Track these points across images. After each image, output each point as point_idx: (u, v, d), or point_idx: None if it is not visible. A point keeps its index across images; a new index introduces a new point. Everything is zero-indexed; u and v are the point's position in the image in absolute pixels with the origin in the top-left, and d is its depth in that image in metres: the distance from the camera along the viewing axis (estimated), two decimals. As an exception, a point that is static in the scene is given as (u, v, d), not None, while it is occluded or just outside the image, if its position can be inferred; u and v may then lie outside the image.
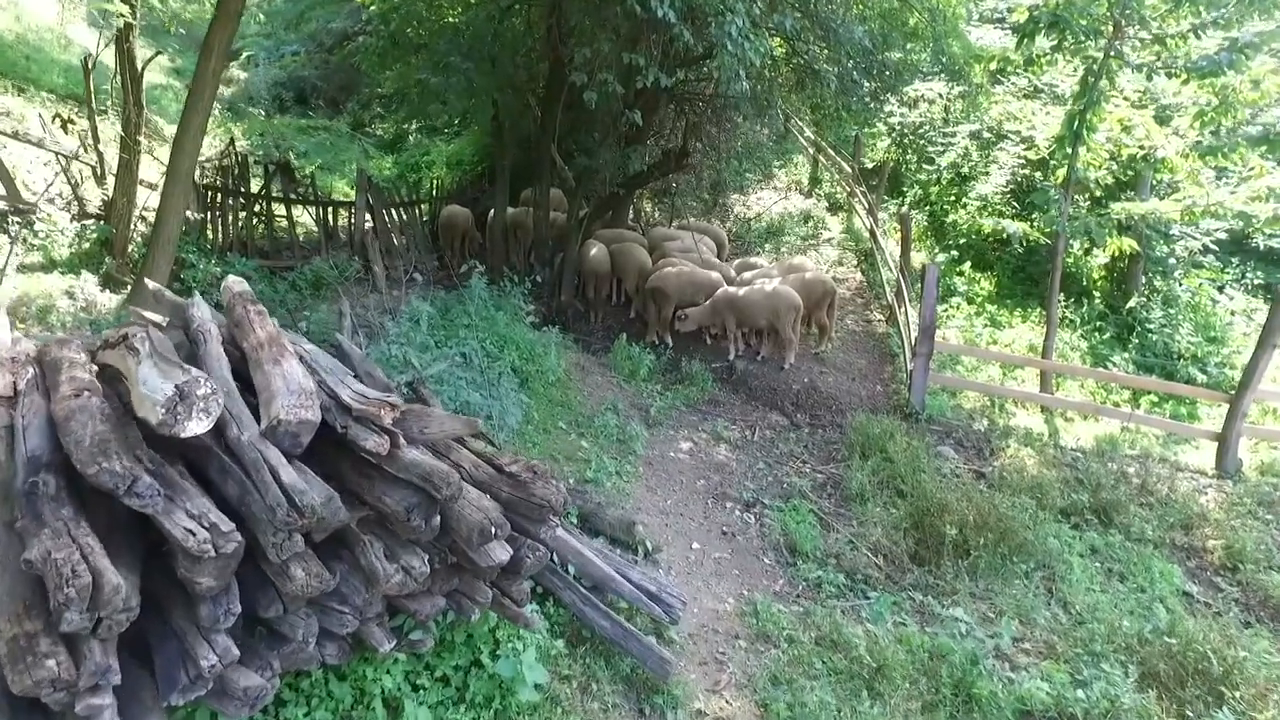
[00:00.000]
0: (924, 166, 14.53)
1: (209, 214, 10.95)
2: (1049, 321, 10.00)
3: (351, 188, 14.71)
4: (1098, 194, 10.89)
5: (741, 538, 6.90)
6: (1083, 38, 9.20)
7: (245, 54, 24.45)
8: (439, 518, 3.57)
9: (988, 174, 13.87)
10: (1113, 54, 9.35)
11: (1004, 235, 10.60)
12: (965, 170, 14.12)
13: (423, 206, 14.12)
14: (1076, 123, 9.63)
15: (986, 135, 13.94)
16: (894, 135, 15.49)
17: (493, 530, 3.52)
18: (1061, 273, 10.10)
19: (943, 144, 14.58)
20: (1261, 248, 12.08)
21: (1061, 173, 10.14)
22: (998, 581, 6.47)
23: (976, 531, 6.63)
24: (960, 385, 10.19)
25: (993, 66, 11.21)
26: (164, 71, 22.38)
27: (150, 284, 5.93)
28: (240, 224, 11.44)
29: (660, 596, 5.11)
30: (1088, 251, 11.92)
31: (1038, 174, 13.38)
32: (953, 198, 14.46)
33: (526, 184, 13.41)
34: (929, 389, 9.77)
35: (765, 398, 10.18)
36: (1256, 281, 11.92)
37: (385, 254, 12.59)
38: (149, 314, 5.63)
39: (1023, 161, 13.03)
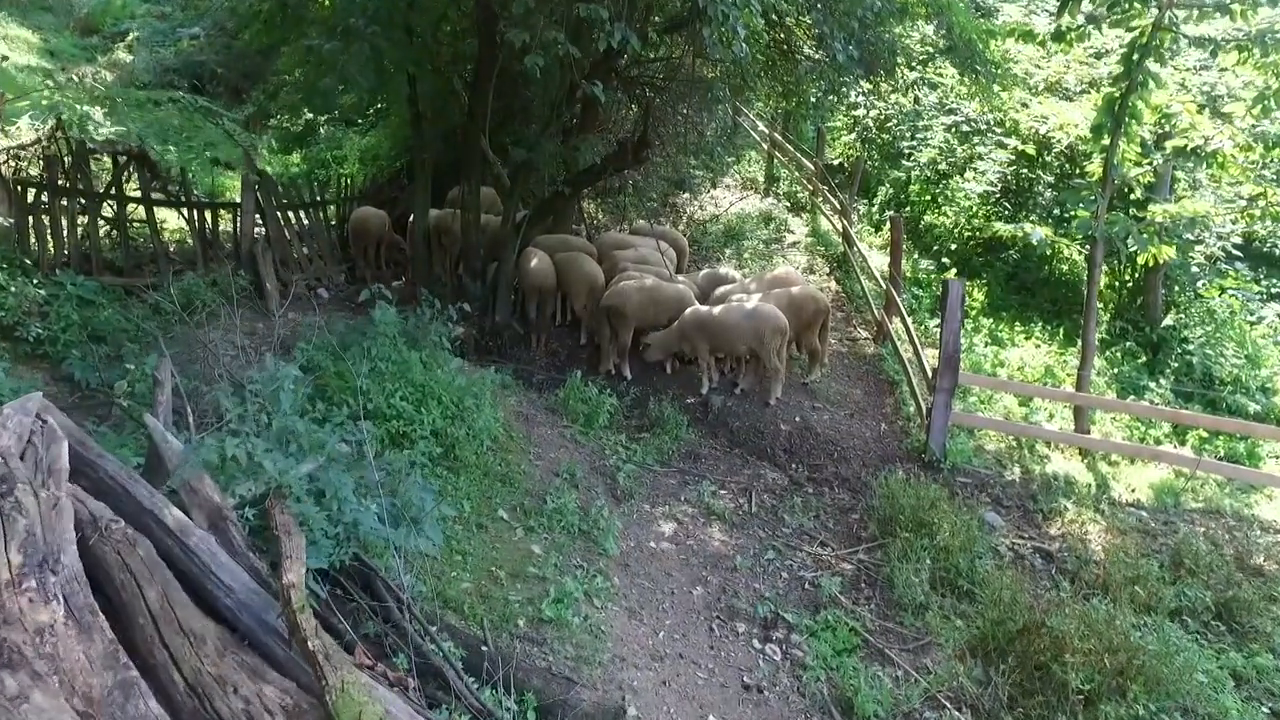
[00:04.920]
0: (901, 163, 12.36)
1: (30, 219, 7.91)
2: (1085, 345, 7.94)
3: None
4: (1138, 194, 8.86)
5: (771, 693, 4.51)
6: (1136, 5, 7.11)
7: (133, 34, 20.79)
8: None
9: (964, 172, 11.85)
10: (1163, 25, 7.30)
11: (1019, 240, 8.50)
12: (943, 167, 12.04)
13: (330, 209, 11.24)
14: (1117, 108, 7.56)
15: (966, 128, 11.87)
16: (859, 130, 13.30)
17: None
18: (1091, 285, 8.02)
19: (916, 139, 12.46)
20: (1277, 252, 10.34)
21: (1094, 168, 8.10)
22: (1139, 748, 4.29)
23: (1102, 674, 4.42)
24: (983, 424, 8.04)
25: (1010, 43, 9.03)
26: (36, 51, 18.53)
27: None
28: (81, 232, 8.43)
29: None
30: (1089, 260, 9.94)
31: (1024, 170, 11.46)
32: (929, 198, 12.38)
33: (453, 182, 10.67)
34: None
35: (751, 443, 7.85)
36: (1275, 290, 10.14)
37: (281, 266, 9.77)
38: None
39: (1013, 157, 11.01)
